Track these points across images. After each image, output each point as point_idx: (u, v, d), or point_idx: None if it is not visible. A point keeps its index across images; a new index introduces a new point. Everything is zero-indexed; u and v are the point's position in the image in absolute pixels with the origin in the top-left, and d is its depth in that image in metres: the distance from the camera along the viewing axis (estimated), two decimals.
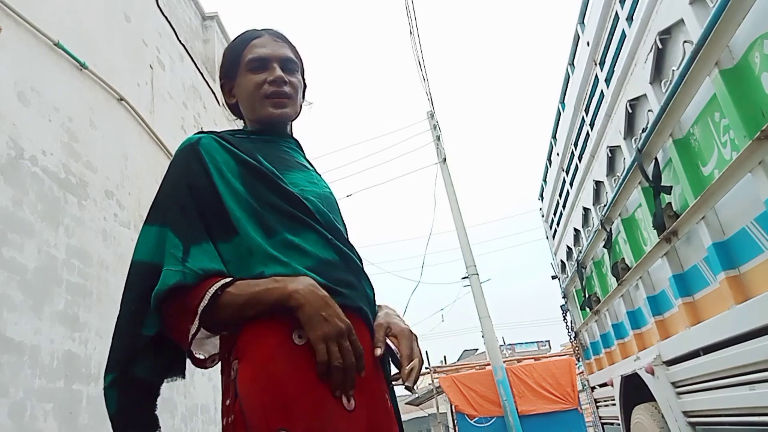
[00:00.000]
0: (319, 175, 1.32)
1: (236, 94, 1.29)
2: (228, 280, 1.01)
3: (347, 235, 1.27)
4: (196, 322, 0.98)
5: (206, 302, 0.98)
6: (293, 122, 1.35)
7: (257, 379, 0.97)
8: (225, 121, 6.93)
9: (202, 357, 1.11)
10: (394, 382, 1.18)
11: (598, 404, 5.10)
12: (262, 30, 1.30)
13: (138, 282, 1.07)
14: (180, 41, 5.79)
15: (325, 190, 1.26)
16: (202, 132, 1.20)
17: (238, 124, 1.39)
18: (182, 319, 1.00)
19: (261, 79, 1.22)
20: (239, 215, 1.08)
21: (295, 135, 1.39)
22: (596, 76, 3.67)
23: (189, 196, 1.09)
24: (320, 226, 1.13)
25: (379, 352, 1.11)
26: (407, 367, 1.09)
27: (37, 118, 3.25)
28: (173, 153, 1.21)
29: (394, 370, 1.17)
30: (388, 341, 1.15)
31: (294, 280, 1.01)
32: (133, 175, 4.30)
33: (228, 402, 1.00)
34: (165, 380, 1.14)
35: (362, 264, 1.22)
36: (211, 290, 0.99)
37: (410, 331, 1.18)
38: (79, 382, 3.28)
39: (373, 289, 1.23)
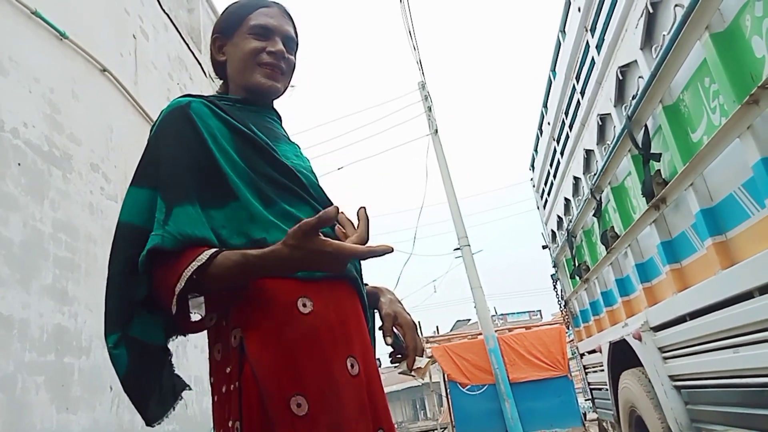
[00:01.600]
0: (297, 147, 1.32)
1: (228, 53, 1.26)
2: (211, 251, 0.99)
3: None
4: (180, 284, 0.96)
5: (183, 282, 0.96)
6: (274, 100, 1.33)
7: (270, 347, 0.99)
8: (211, 92, 6.81)
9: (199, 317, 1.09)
10: (395, 365, 1.24)
11: (587, 370, 5.19)
12: (270, 1, 1.28)
13: (125, 245, 1.05)
14: (164, 10, 5.65)
15: (308, 163, 1.26)
16: (189, 95, 1.16)
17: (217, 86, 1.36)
18: (164, 288, 0.99)
19: (261, 47, 1.21)
20: (237, 181, 1.06)
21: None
22: (587, 42, 3.63)
23: (181, 159, 1.06)
24: (313, 200, 1.13)
25: (389, 341, 1.19)
26: (416, 360, 1.18)
27: (17, 89, 3.18)
28: None
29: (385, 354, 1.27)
30: (395, 330, 1.23)
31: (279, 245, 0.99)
32: (118, 148, 4.24)
33: (229, 370, 1.01)
34: (169, 339, 1.12)
35: None
36: (187, 272, 0.96)
37: (413, 321, 1.25)
38: (71, 355, 3.28)
39: (359, 262, 1.23)
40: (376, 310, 1.28)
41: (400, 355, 1.21)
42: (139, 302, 1.03)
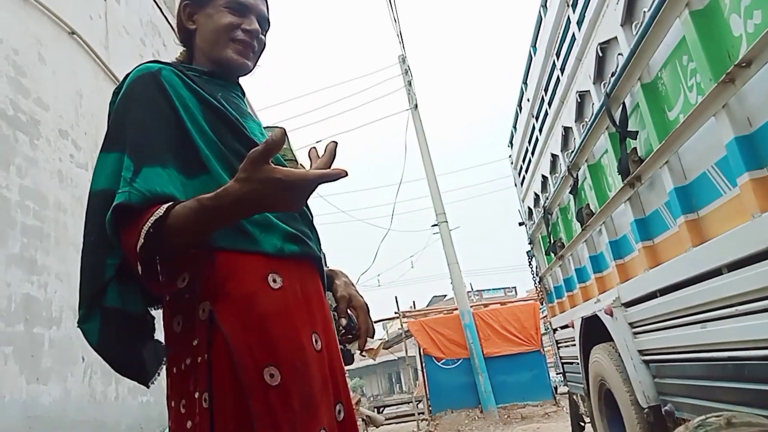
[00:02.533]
0: (257, 124, 1.31)
1: (199, 22, 1.23)
2: (168, 204, 0.95)
3: None
4: (141, 240, 0.92)
5: (142, 238, 0.92)
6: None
7: (243, 319, 1.00)
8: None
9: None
10: (348, 345, 1.30)
11: (559, 345, 5.29)
12: None
13: (95, 212, 1.02)
14: None
15: None
16: (158, 62, 1.13)
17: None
18: (129, 249, 0.95)
19: (236, 22, 1.19)
20: (209, 154, 1.05)
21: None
22: (568, 18, 3.60)
23: (152, 122, 1.03)
24: None
25: (344, 322, 1.23)
26: (367, 342, 1.24)
27: None
28: None
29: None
30: (349, 312, 1.28)
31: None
32: (88, 114, 4.12)
33: (196, 342, 1.00)
34: (149, 308, 1.11)
35: (312, 218, 1.26)
36: (146, 227, 0.92)
37: (366, 304, 1.29)
38: (40, 325, 3.23)
39: (320, 242, 1.26)
40: (330, 292, 1.31)
41: (351, 336, 1.26)
42: (113, 270, 1.00)
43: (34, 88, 3.47)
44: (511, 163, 6.67)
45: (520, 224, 6.47)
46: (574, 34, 3.49)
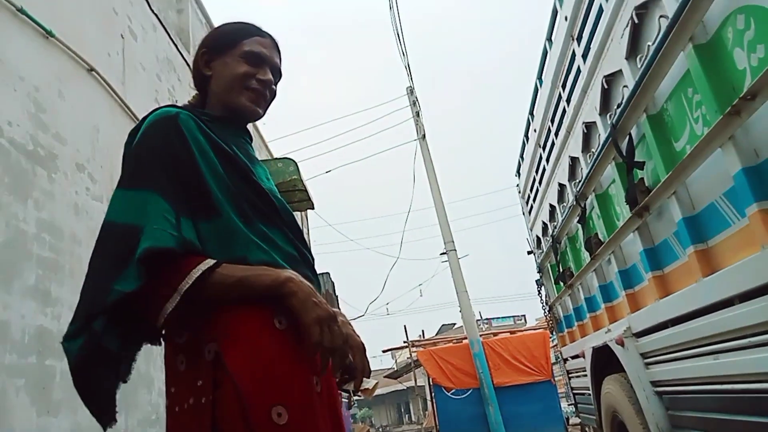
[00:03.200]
0: (263, 168, 1.36)
1: (215, 69, 1.28)
2: (215, 261, 1.03)
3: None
4: (175, 297, 0.98)
5: (191, 282, 0.99)
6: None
7: (251, 358, 1.01)
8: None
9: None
10: (344, 386, 1.29)
11: (570, 375, 5.23)
12: (265, 32, 1.33)
13: (112, 240, 1.03)
14: (152, 10, 5.62)
15: (275, 187, 1.31)
16: (175, 106, 1.17)
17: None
18: (160, 287, 0.99)
19: (252, 72, 1.25)
20: (221, 197, 1.09)
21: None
22: (573, 51, 3.67)
23: (172, 167, 1.07)
24: (284, 225, 1.18)
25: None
26: (364, 382, 1.23)
27: (1, 88, 3.14)
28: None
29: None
30: None
31: (285, 270, 1.07)
32: (104, 148, 4.20)
33: (200, 383, 1.02)
34: (131, 349, 1.12)
35: (314, 262, 1.29)
36: (198, 270, 1.00)
37: (363, 344, 1.28)
38: (53, 357, 3.24)
39: (320, 286, 1.30)
40: None
41: (347, 376, 1.26)
42: (117, 295, 0.98)
43: (52, 123, 3.56)
44: (519, 192, 6.70)
45: (529, 253, 6.47)
46: (579, 67, 3.56)
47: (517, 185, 6.78)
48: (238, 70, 1.25)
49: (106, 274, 0.99)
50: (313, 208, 6.80)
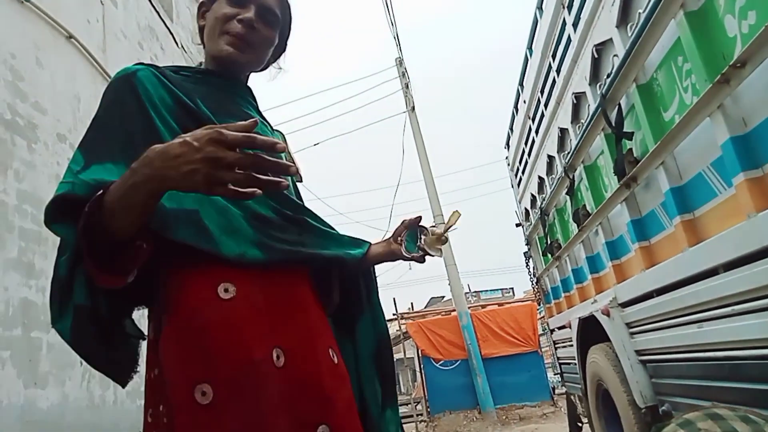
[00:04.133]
0: (266, 126, 1.27)
1: (207, 18, 1.21)
2: (110, 182, 0.89)
3: (295, 190, 1.27)
4: (81, 222, 0.87)
5: (88, 205, 0.87)
6: (249, 73, 1.28)
7: (179, 333, 0.95)
8: (184, 64, 6.65)
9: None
10: (428, 248, 1.28)
11: (556, 346, 5.30)
12: None
13: None
14: None
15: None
16: (141, 63, 1.11)
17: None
18: (78, 234, 0.89)
19: (232, 13, 1.15)
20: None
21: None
22: (564, 20, 3.62)
23: (112, 121, 1.01)
24: None
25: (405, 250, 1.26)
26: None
27: None
28: None
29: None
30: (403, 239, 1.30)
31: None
32: (86, 118, 4.11)
33: (152, 354, 0.99)
34: (125, 313, 1.07)
35: (310, 221, 1.18)
36: (90, 204, 0.87)
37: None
38: (38, 329, 3.22)
39: (335, 241, 1.22)
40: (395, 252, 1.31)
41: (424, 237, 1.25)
42: (64, 268, 0.94)
43: (31, 92, 3.47)
44: (508, 164, 6.69)
45: (517, 225, 6.48)
46: (569, 36, 3.51)
47: (506, 157, 6.76)
48: (219, 13, 1.16)
49: (60, 249, 0.97)
50: (301, 181, 6.77)
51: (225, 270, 0.99)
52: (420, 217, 1.32)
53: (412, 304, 16.86)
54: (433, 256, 1.28)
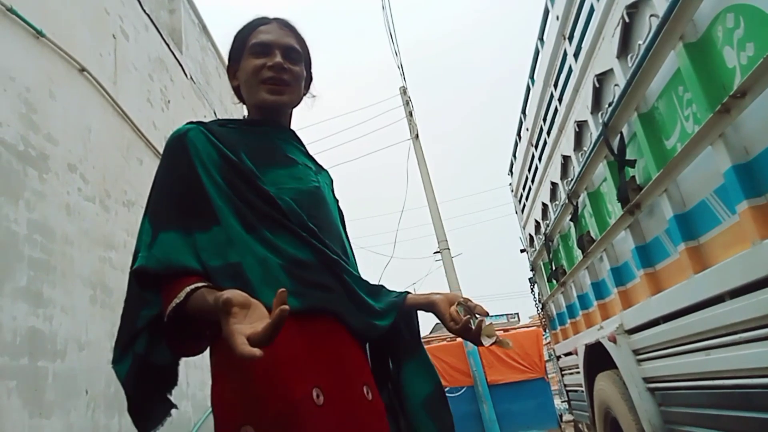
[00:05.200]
0: (310, 168, 1.33)
1: (239, 77, 1.30)
2: (188, 289, 1.03)
3: (340, 229, 1.32)
4: (167, 313, 1.03)
5: (170, 309, 1.02)
6: (291, 112, 1.36)
7: (226, 378, 1.04)
8: (193, 95, 6.76)
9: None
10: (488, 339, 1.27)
11: (563, 372, 5.26)
12: (272, 18, 1.32)
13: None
14: (144, 10, 5.59)
15: (310, 184, 1.26)
16: (192, 123, 1.20)
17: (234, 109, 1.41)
18: (164, 306, 1.05)
19: (261, 63, 1.24)
20: (220, 205, 1.10)
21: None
22: (565, 50, 3.69)
23: (170, 187, 1.13)
24: (295, 226, 1.15)
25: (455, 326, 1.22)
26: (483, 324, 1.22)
27: None
28: (139, 125, 1.24)
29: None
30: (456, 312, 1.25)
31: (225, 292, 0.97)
32: (97, 149, 4.18)
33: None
34: (177, 360, 1.18)
35: (348, 261, 1.24)
36: (170, 307, 1.02)
37: (454, 295, 1.29)
38: (45, 359, 3.22)
39: (372, 288, 1.25)
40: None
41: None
42: (145, 321, 1.09)
43: (44, 124, 3.53)
44: (512, 190, 6.73)
45: (522, 251, 6.49)
46: (570, 66, 3.58)
47: (510, 184, 6.80)
48: (249, 68, 1.25)
49: (135, 301, 1.11)
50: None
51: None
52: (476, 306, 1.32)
53: None
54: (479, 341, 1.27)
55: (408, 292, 1.33)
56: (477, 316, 1.24)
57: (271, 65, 1.24)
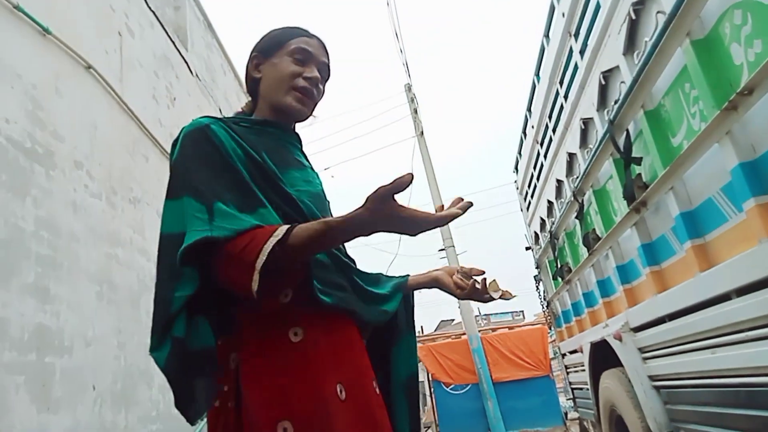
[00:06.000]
0: (314, 172, 1.35)
1: (264, 72, 1.30)
2: (286, 227, 1.01)
3: None
4: (260, 260, 0.97)
5: (265, 255, 0.97)
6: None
7: (260, 376, 1.05)
8: (198, 92, 6.77)
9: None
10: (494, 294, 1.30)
11: (568, 370, 5.25)
12: (312, 33, 1.33)
13: (166, 253, 1.07)
14: (149, 7, 5.61)
15: (317, 188, 1.29)
16: (208, 116, 1.20)
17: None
18: (239, 269, 0.99)
19: (299, 71, 1.26)
20: (259, 194, 1.10)
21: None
22: (571, 48, 3.68)
23: (209, 169, 1.09)
24: None
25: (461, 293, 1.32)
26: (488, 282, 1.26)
27: None
28: (144, 122, 1.23)
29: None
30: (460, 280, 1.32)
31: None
32: (103, 145, 4.20)
33: (226, 388, 1.08)
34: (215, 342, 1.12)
35: (353, 264, 1.27)
36: (268, 245, 0.98)
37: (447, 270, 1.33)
38: (52, 354, 3.25)
39: (376, 283, 1.30)
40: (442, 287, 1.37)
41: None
42: (180, 302, 1.03)
43: (50, 121, 3.55)
44: (517, 188, 6.72)
45: (527, 249, 6.48)
46: (576, 63, 3.56)
47: (515, 181, 6.79)
48: (286, 70, 1.26)
49: (167, 285, 1.04)
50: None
51: (292, 316, 1.09)
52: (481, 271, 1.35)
53: (422, 327, 16.80)
54: (490, 297, 1.31)
55: (408, 275, 1.39)
56: (477, 278, 1.30)
57: (309, 77, 1.26)
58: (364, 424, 1.08)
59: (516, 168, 6.67)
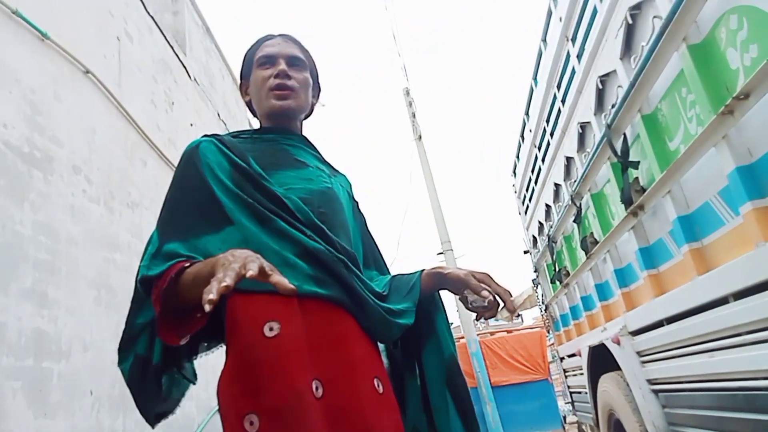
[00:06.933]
0: (322, 171, 1.36)
1: (249, 91, 1.38)
2: (178, 267, 1.06)
3: (351, 229, 1.34)
4: (158, 308, 1.04)
5: (164, 287, 1.04)
6: (302, 120, 1.42)
7: (230, 372, 1.06)
8: (197, 97, 6.78)
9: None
10: (496, 318, 1.28)
11: (566, 374, 5.25)
12: (276, 34, 1.40)
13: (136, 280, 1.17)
14: (148, 12, 5.61)
15: (322, 185, 1.30)
16: (206, 135, 1.28)
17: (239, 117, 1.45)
18: (156, 306, 1.06)
19: (267, 74, 1.31)
20: (232, 207, 1.15)
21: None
22: (568, 52, 3.69)
23: (179, 199, 1.19)
24: (300, 224, 1.19)
25: (470, 306, 1.25)
26: (509, 302, 1.24)
27: None
28: (143, 127, 1.29)
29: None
30: (468, 293, 1.26)
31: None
32: (101, 150, 4.20)
33: None
34: (176, 360, 1.21)
35: (351, 258, 1.24)
36: (169, 278, 1.04)
37: (483, 272, 1.29)
38: (50, 359, 3.24)
39: (384, 290, 1.29)
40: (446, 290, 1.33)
41: (485, 307, 1.23)
42: (140, 327, 1.15)
43: (49, 126, 3.55)
44: (515, 191, 6.73)
45: (525, 252, 6.49)
46: (574, 68, 3.58)
47: (513, 185, 6.80)
48: (258, 80, 1.33)
49: (134, 308, 1.17)
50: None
51: (269, 308, 1.08)
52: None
53: None
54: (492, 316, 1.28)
55: (420, 280, 1.32)
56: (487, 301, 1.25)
57: (276, 73, 1.30)
58: (344, 422, 1.05)
59: (514, 172, 6.69)
